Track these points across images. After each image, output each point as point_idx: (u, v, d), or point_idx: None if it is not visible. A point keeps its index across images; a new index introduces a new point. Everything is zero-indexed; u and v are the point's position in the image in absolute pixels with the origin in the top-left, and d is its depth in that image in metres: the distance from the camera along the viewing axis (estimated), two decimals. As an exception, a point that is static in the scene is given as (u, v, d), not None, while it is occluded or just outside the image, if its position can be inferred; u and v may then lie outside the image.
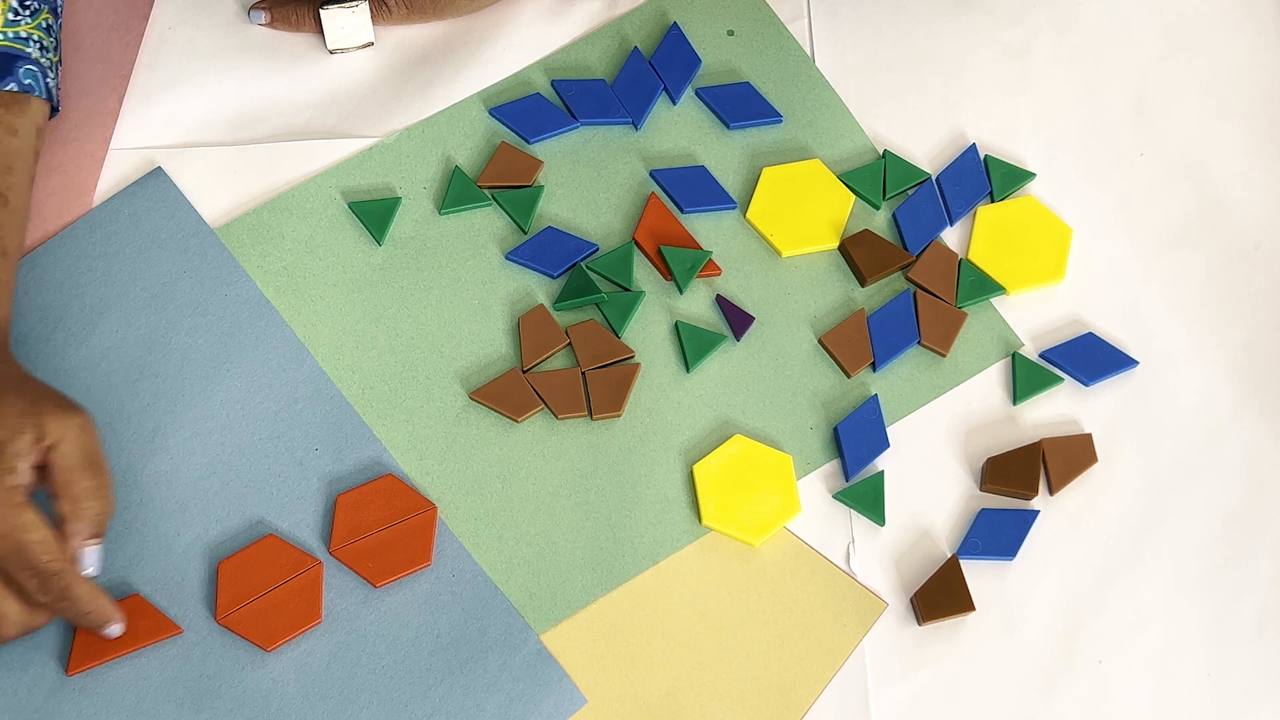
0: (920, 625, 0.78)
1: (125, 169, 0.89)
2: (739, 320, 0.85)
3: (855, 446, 0.81)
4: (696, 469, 0.81)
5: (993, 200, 0.89)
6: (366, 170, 0.89)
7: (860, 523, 0.80)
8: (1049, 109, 0.92)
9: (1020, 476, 0.80)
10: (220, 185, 0.89)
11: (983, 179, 0.89)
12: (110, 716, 0.75)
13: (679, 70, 0.92)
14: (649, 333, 0.85)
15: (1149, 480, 0.81)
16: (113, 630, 0.75)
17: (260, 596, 0.77)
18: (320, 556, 0.79)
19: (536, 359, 0.84)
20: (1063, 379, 0.83)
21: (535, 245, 0.86)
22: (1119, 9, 0.95)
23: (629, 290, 0.85)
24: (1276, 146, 0.90)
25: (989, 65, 0.93)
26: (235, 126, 0.91)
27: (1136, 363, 0.84)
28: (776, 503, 0.80)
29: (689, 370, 0.84)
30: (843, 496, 0.80)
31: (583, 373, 0.83)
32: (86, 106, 0.91)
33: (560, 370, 0.83)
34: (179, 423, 0.82)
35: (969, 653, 0.77)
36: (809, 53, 0.93)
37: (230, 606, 0.77)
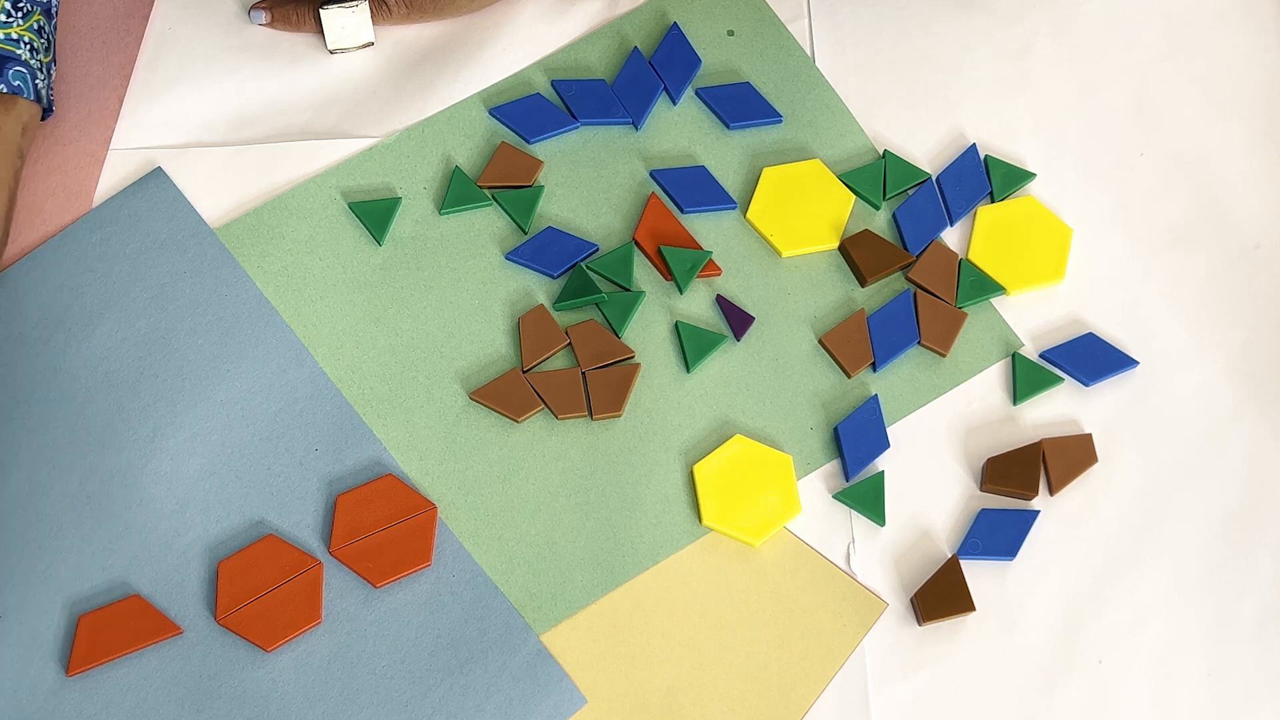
0: (920, 625, 0.78)
1: (125, 169, 0.89)
2: (739, 320, 0.85)
3: (855, 446, 0.81)
4: (696, 469, 0.81)
5: (993, 200, 0.89)
6: (366, 170, 0.89)
7: (860, 523, 0.80)
8: (1049, 109, 0.92)
9: (1020, 476, 0.80)
10: (220, 185, 0.89)
11: (983, 179, 0.89)
12: (110, 716, 0.75)
13: (679, 70, 0.92)
14: (649, 333, 0.85)
15: (1149, 480, 0.81)
16: None
17: (260, 597, 0.77)
18: (320, 556, 0.79)
19: (536, 359, 0.83)
20: (1063, 379, 0.83)
21: (535, 245, 0.86)
22: (1119, 9, 0.95)
23: (629, 290, 0.85)
24: (1276, 146, 0.90)
25: (989, 65, 0.93)
26: (235, 126, 0.91)
27: (1136, 363, 0.84)
28: (776, 503, 0.80)
29: (689, 370, 0.84)
30: (843, 496, 0.80)
31: (583, 373, 0.83)
32: (86, 106, 0.91)
33: (560, 370, 0.83)
34: (179, 423, 0.82)
35: (969, 653, 0.77)
36: (809, 53, 0.93)
37: (230, 606, 0.77)
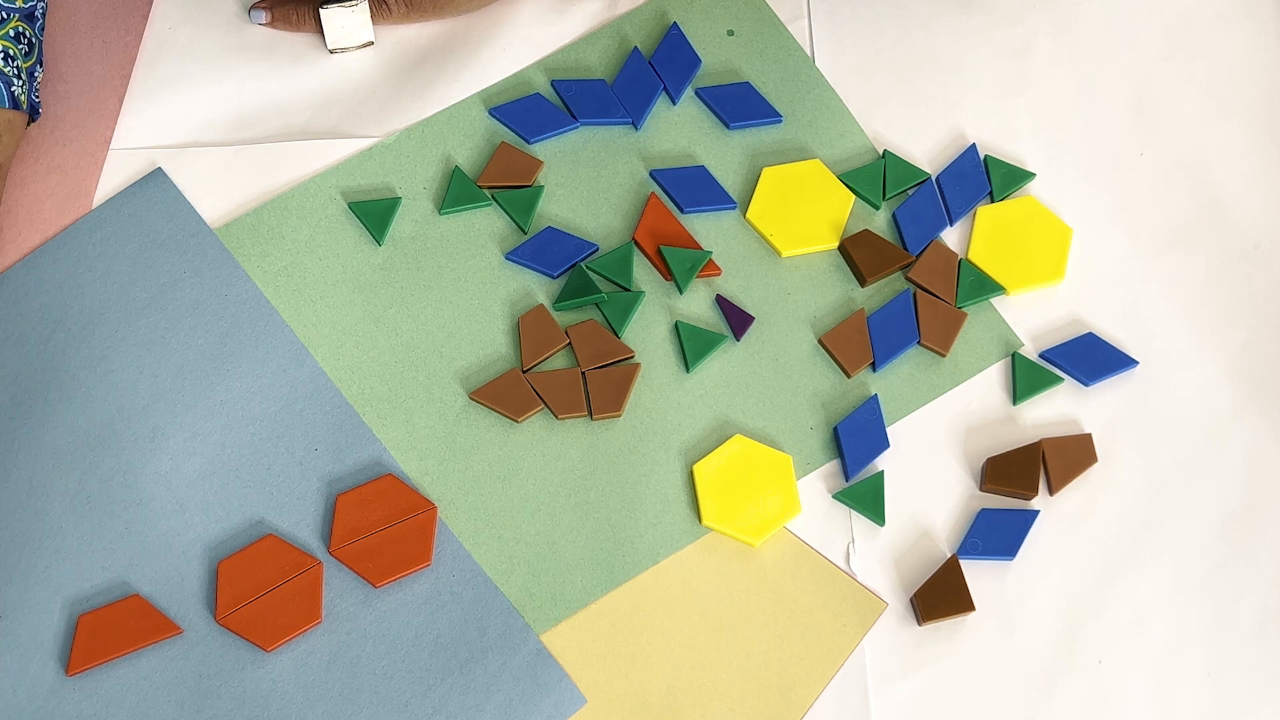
0: (920, 625, 0.78)
1: (125, 169, 0.89)
2: (739, 320, 0.85)
3: (855, 446, 0.81)
4: (696, 469, 0.81)
5: (993, 200, 0.89)
6: (366, 170, 0.89)
7: (860, 523, 0.80)
8: (1049, 109, 0.92)
9: (1020, 476, 0.80)
10: (220, 185, 0.89)
11: (983, 179, 0.89)
12: (110, 716, 0.75)
13: (679, 70, 0.92)
14: (649, 333, 0.85)
15: (1149, 480, 0.81)
16: None
17: (260, 596, 0.77)
18: (320, 556, 0.79)
19: (536, 359, 0.83)
20: (1063, 379, 0.83)
21: (535, 245, 0.86)
22: (1119, 9, 0.95)
23: (629, 290, 0.85)
24: (1276, 146, 0.90)
25: (989, 65, 0.93)
26: (235, 126, 0.91)
27: (1136, 363, 0.84)
28: (776, 503, 0.80)
29: (689, 370, 0.84)
30: (843, 496, 0.80)
31: (583, 373, 0.83)
32: (86, 106, 0.91)
33: (560, 370, 0.83)
34: (179, 423, 0.82)
35: (969, 653, 0.77)
36: (809, 53, 0.93)
37: (230, 606, 0.77)
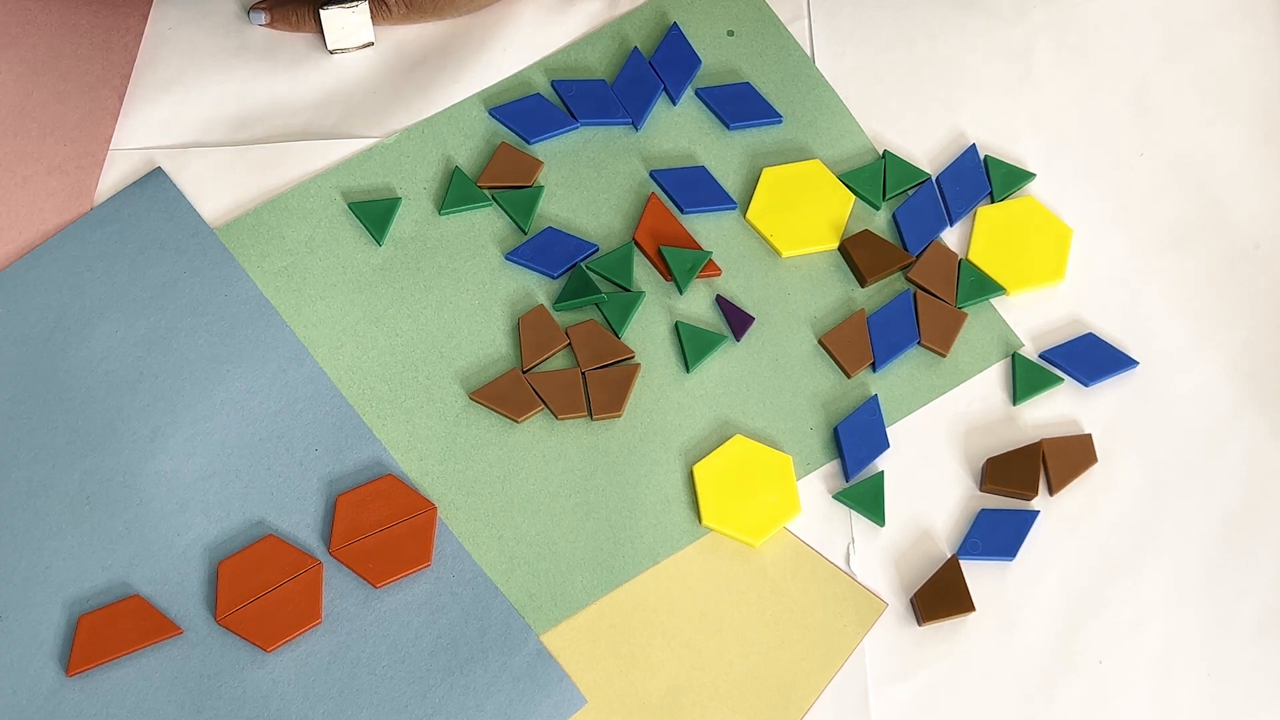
0: (920, 625, 0.78)
1: (125, 169, 0.89)
2: (739, 320, 0.85)
3: (855, 447, 0.81)
4: (696, 469, 0.81)
5: (993, 200, 0.89)
6: (366, 170, 0.89)
7: (860, 523, 0.80)
8: (1049, 109, 0.92)
9: (1020, 477, 0.80)
10: (220, 185, 0.89)
11: (983, 179, 0.89)
12: (110, 716, 0.75)
13: (679, 70, 0.92)
14: (649, 333, 0.85)
15: (1149, 480, 0.81)
16: None
17: (260, 597, 0.77)
18: (320, 557, 0.79)
19: (536, 359, 0.83)
20: (1063, 379, 0.83)
21: (535, 245, 0.86)
22: (1119, 9, 0.95)
23: (629, 290, 0.85)
24: (1276, 146, 0.90)
25: (989, 65, 0.93)
26: (235, 126, 0.91)
27: (1136, 363, 0.84)
28: (776, 503, 0.80)
29: (689, 370, 0.84)
30: (843, 497, 0.80)
31: (583, 373, 0.83)
32: (86, 106, 0.91)
33: (560, 370, 0.83)
34: (179, 423, 0.82)
35: (969, 653, 0.77)
36: (809, 53, 0.93)
37: (230, 607, 0.77)
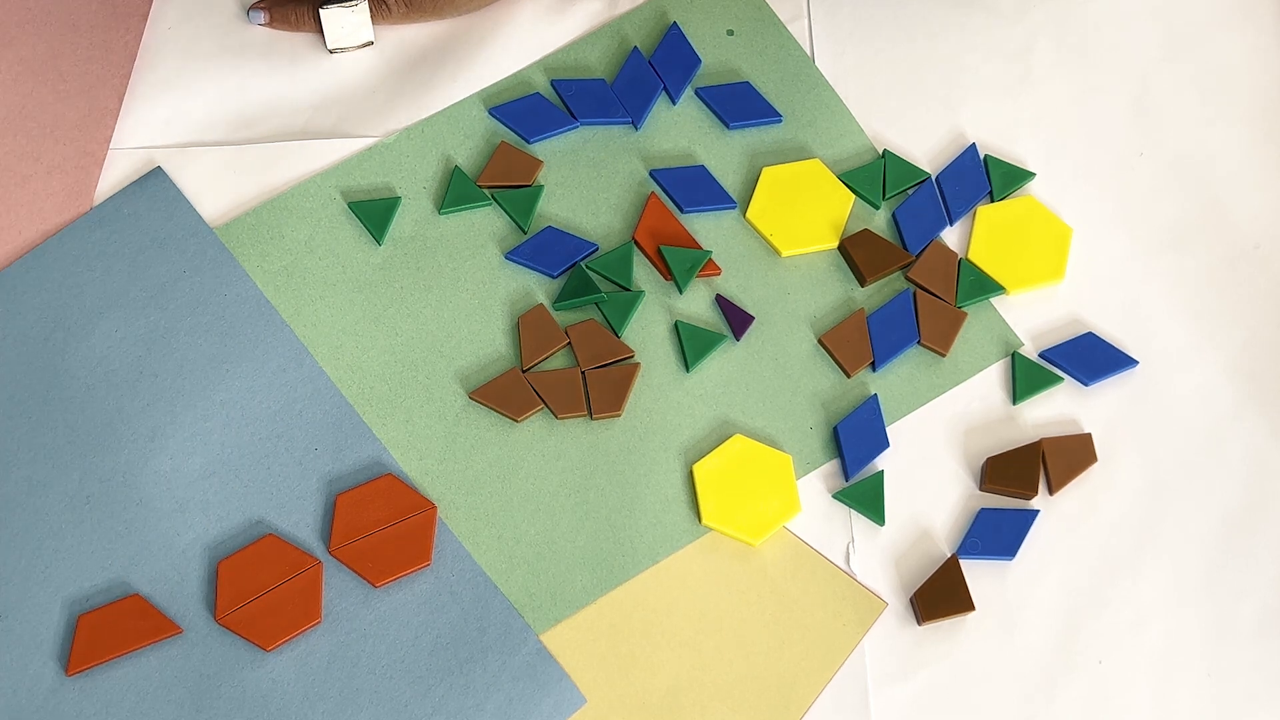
0: (920, 625, 0.78)
1: (125, 169, 0.89)
2: (739, 320, 0.85)
3: (855, 446, 0.81)
4: (696, 469, 0.81)
5: (993, 200, 0.89)
6: (366, 170, 0.89)
7: (860, 523, 0.80)
8: (1049, 109, 0.92)
9: (1020, 476, 0.80)
10: (220, 185, 0.89)
11: (983, 179, 0.89)
12: (110, 716, 0.75)
13: (679, 70, 0.92)
14: (649, 333, 0.85)
15: (1149, 480, 0.81)
16: None
17: (260, 596, 0.77)
18: (320, 556, 0.79)
19: (536, 359, 0.83)
20: (1062, 379, 0.83)
21: (535, 245, 0.86)
22: (1119, 9, 0.95)
23: (629, 290, 0.85)
24: (1276, 146, 0.90)
25: (989, 65, 0.93)
26: (235, 126, 0.91)
27: (1136, 363, 0.84)
28: (776, 502, 0.80)
29: (689, 370, 0.84)
30: (842, 496, 0.80)
31: (582, 373, 0.83)
32: (86, 106, 0.91)
33: (560, 370, 0.83)
34: (179, 423, 0.82)
35: (969, 653, 0.77)
36: (809, 53, 0.93)
37: (230, 606, 0.77)
